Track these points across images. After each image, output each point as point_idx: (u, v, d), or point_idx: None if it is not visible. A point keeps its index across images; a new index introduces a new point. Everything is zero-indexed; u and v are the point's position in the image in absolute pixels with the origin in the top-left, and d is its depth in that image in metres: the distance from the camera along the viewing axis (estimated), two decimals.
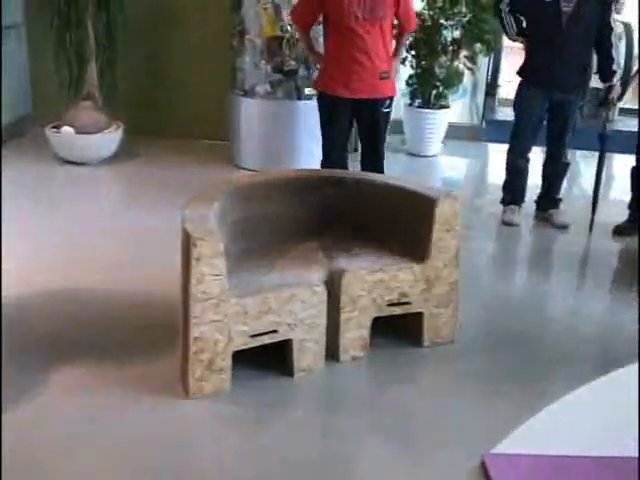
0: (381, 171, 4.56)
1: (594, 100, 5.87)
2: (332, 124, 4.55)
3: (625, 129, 6.86)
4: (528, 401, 2.91)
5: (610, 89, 4.81)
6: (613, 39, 4.77)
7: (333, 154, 4.59)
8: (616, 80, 4.81)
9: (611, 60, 4.77)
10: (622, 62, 5.34)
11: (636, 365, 1.54)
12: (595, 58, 4.91)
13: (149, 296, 3.56)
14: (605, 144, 4.98)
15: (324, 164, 4.60)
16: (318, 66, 4.93)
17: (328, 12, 4.41)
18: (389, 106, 4.58)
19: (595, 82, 5.14)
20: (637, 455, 1.26)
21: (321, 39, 5.17)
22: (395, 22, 4.56)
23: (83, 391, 2.97)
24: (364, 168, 4.59)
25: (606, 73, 4.82)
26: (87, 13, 5.87)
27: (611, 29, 4.75)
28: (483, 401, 3.02)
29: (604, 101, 4.89)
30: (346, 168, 4.58)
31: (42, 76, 6.40)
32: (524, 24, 4.81)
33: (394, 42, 4.65)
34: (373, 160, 4.63)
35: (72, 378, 3.04)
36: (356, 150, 5.49)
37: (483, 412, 2.92)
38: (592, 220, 4.98)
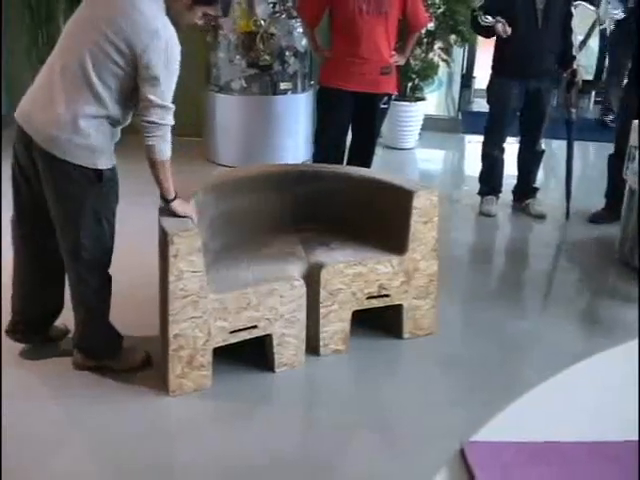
0: (369, 166, 4.54)
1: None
2: (332, 118, 4.50)
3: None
4: (508, 391, 2.91)
5: (574, 73, 4.84)
6: (572, 25, 4.82)
7: (331, 148, 4.53)
8: (576, 65, 4.86)
9: (570, 44, 4.81)
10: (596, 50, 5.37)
11: (616, 349, 1.55)
12: None
13: (126, 292, 3.53)
14: (572, 130, 5.01)
15: (319, 158, 4.51)
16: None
17: (334, 5, 4.38)
18: (387, 102, 4.56)
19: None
20: (620, 439, 1.27)
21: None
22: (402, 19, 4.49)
23: (63, 389, 2.95)
24: (352, 162, 4.55)
25: (566, 58, 4.85)
26: (58, 8, 5.80)
27: (571, 15, 4.82)
28: (463, 392, 3.03)
29: (569, 86, 4.92)
30: (341, 163, 4.53)
31: (17, 74, 6.32)
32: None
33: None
34: (363, 155, 4.60)
35: (53, 375, 3.02)
36: None
37: (464, 403, 2.93)
38: (568, 208, 5.01)
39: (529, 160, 5.14)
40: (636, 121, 4.27)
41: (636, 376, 1.43)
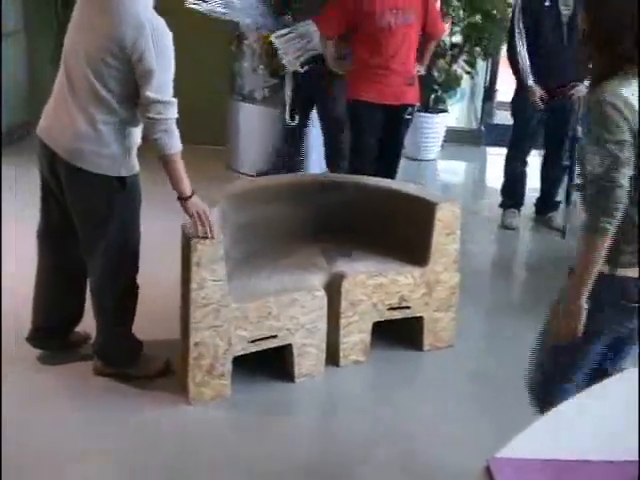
0: (394, 177, 4.50)
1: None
2: (367, 131, 4.44)
3: None
4: (529, 406, 2.90)
5: (571, 87, 4.78)
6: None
7: (367, 162, 4.44)
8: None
9: None
10: None
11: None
12: None
13: (148, 301, 3.55)
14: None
15: (353, 170, 4.41)
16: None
17: (360, 21, 4.29)
18: (411, 113, 4.54)
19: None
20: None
21: None
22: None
23: (82, 394, 2.97)
24: (377, 173, 4.51)
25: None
26: None
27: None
28: (484, 405, 3.01)
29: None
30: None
31: (41, 83, 6.37)
32: None
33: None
34: (388, 166, 4.57)
35: (72, 380, 3.04)
36: None
37: (484, 416, 2.91)
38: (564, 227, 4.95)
39: (553, 173, 5.12)
40: None
41: None
